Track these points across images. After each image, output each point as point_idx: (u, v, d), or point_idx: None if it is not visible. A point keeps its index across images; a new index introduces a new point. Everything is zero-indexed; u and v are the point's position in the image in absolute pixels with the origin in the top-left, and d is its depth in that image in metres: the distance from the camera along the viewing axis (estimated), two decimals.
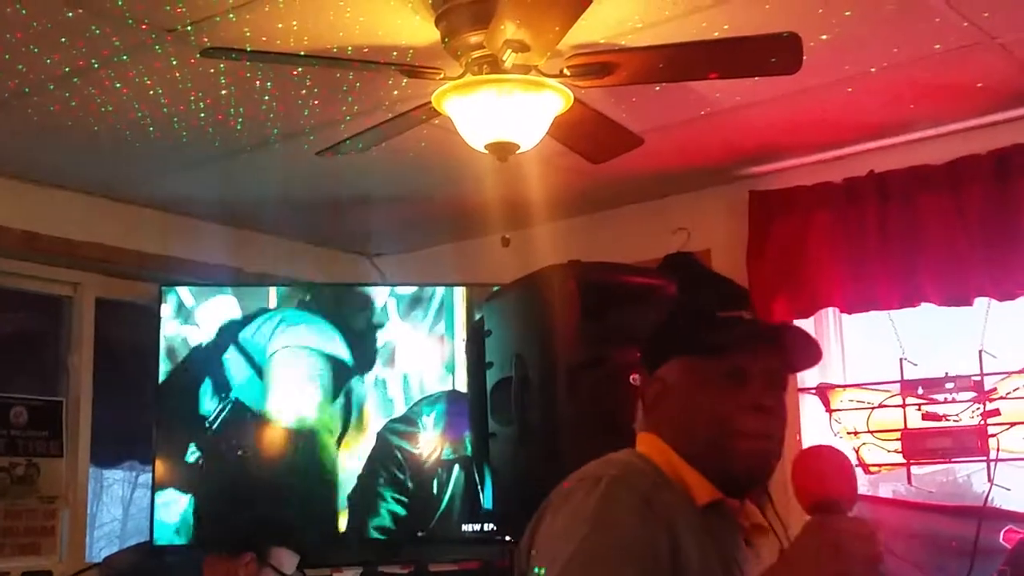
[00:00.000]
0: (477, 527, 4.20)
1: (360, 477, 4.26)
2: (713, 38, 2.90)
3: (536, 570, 1.55)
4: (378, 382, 4.34)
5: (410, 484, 4.25)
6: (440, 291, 4.41)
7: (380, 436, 4.30)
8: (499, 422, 3.59)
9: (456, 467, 4.28)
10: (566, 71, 2.78)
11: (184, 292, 4.32)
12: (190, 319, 4.30)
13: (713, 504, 1.62)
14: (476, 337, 3.61)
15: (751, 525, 1.69)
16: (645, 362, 1.73)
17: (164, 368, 4.25)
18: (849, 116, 3.61)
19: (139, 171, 4.01)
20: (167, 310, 4.28)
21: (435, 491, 4.25)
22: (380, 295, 4.42)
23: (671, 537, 1.53)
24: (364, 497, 4.24)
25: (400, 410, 4.33)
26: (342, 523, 4.22)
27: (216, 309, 4.33)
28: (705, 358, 1.63)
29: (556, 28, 2.54)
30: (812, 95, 3.38)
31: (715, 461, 1.62)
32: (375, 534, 4.21)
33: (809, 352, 1.70)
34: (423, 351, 4.40)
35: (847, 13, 2.85)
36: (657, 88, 3.25)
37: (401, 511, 4.23)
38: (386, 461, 4.28)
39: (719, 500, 1.62)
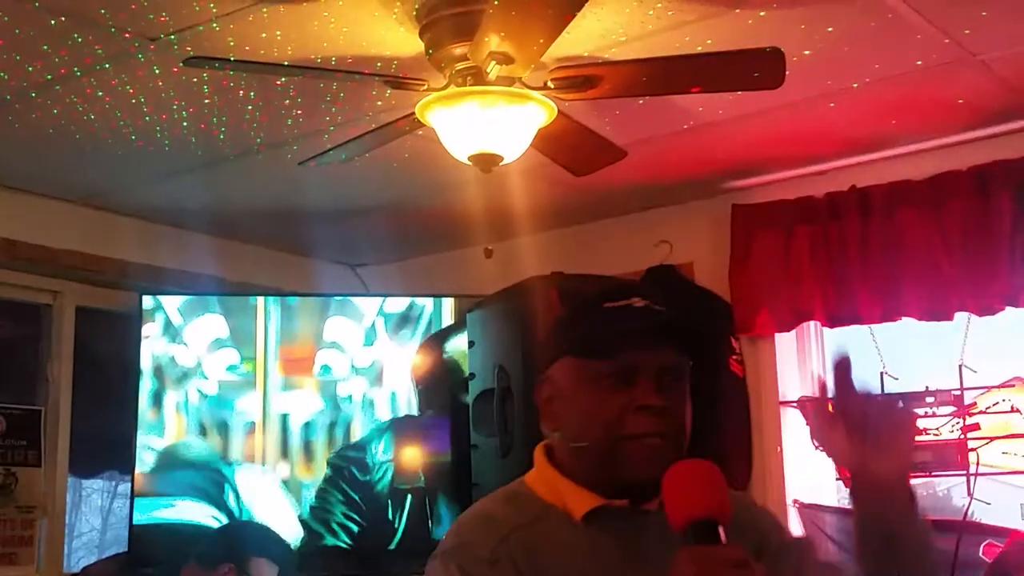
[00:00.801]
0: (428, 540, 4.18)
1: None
2: (696, 52, 2.90)
3: None
4: (365, 401, 4.33)
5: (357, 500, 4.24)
6: (428, 308, 4.39)
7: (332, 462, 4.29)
8: (481, 433, 3.59)
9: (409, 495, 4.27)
10: (550, 84, 2.79)
11: (172, 310, 4.28)
12: (178, 338, 4.28)
13: (595, 512, 1.55)
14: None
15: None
16: (538, 363, 1.67)
17: (152, 387, 4.22)
18: (831, 131, 3.63)
19: (121, 179, 4.00)
20: (154, 328, 4.25)
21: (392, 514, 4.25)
22: (368, 313, 4.40)
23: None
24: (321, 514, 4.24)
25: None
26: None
27: (204, 328, 4.30)
28: (590, 357, 1.56)
29: (540, 41, 2.54)
30: (795, 110, 3.39)
31: (604, 466, 1.55)
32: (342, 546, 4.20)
33: (703, 339, 1.64)
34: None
35: (829, 29, 2.86)
36: (640, 101, 3.26)
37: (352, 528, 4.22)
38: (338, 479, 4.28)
39: (599, 507, 1.55)
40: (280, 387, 4.31)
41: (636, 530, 1.56)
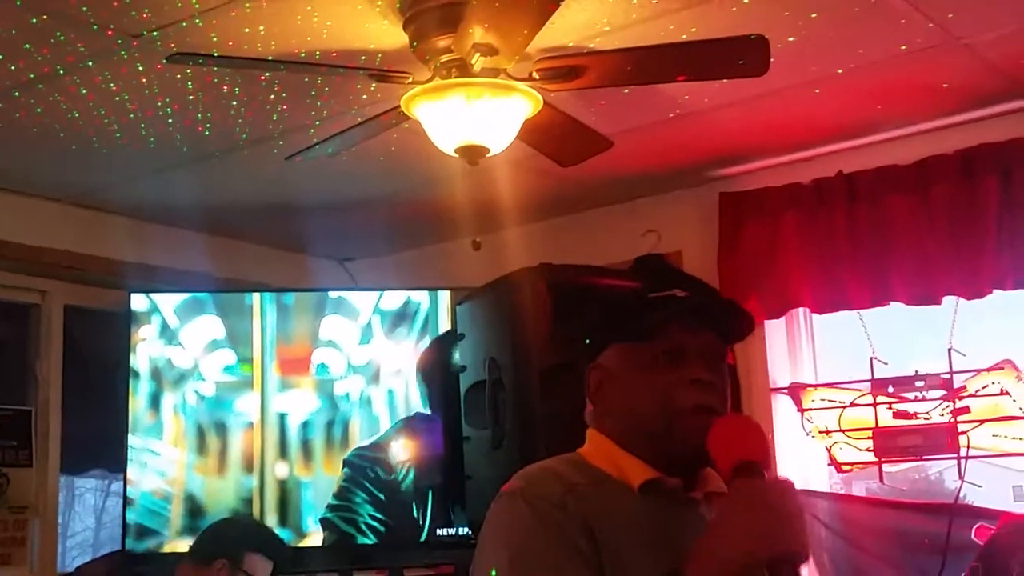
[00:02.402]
0: (452, 531, 4.20)
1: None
2: (681, 41, 2.90)
3: None
4: (363, 399, 4.33)
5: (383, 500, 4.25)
6: (425, 305, 4.38)
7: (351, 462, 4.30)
8: (473, 426, 3.58)
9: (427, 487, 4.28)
10: (535, 74, 2.78)
11: (168, 312, 4.26)
12: (174, 340, 4.26)
13: (651, 483, 1.62)
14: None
15: (706, 494, 1.66)
16: (586, 352, 1.73)
17: (149, 390, 4.21)
18: (817, 117, 3.63)
19: (107, 177, 3.98)
20: (151, 330, 4.24)
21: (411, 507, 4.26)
22: (364, 311, 4.39)
23: (587, 534, 1.54)
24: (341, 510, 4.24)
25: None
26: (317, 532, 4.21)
27: (200, 329, 4.28)
28: (640, 342, 1.64)
29: (524, 32, 2.54)
30: (780, 97, 3.40)
31: (660, 442, 1.62)
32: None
33: (743, 322, 1.72)
34: (408, 367, 4.38)
35: (813, 15, 2.86)
36: (626, 91, 3.25)
37: (379, 527, 4.23)
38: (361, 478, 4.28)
39: (656, 479, 1.62)
40: (278, 387, 4.30)
41: (682, 513, 1.63)
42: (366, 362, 4.35)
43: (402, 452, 4.30)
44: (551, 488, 1.59)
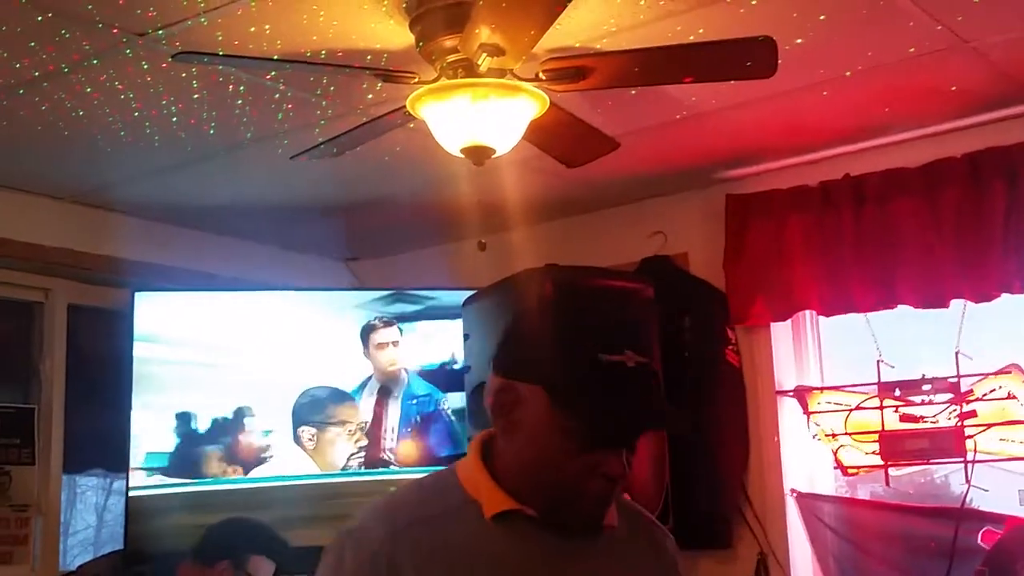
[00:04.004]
0: None
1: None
2: (688, 42, 2.89)
3: None
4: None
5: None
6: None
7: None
8: (477, 427, 3.58)
9: None
10: (541, 75, 2.77)
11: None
12: None
13: (506, 513, 1.55)
14: None
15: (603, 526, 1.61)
16: (503, 363, 1.58)
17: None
18: (824, 120, 3.62)
19: (111, 176, 3.98)
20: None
21: None
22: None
23: None
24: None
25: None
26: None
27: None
28: (566, 408, 1.49)
29: (531, 32, 2.53)
30: (787, 99, 3.38)
31: (544, 504, 1.54)
32: None
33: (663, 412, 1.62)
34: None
35: (821, 17, 2.85)
36: (633, 92, 3.24)
37: None
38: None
39: (512, 510, 1.54)
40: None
41: (546, 539, 1.56)
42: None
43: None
44: (373, 532, 1.54)
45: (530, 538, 1.55)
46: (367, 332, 4.38)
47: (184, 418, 4.18)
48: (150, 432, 4.14)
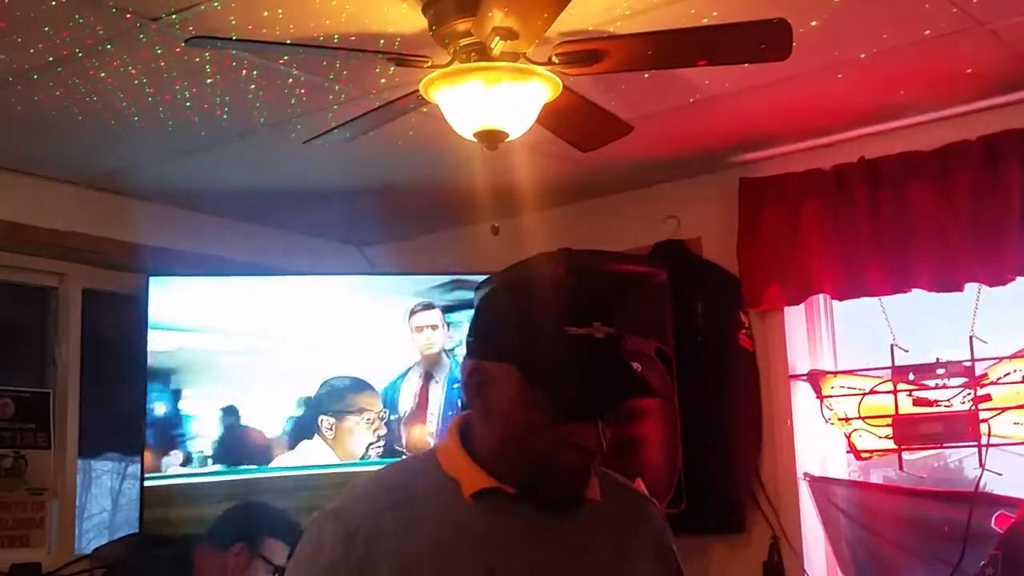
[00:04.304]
0: None
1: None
2: (702, 25, 2.88)
3: None
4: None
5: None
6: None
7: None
8: None
9: None
10: (555, 59, 2.76)
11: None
12: None
13: (486, 491, 1.56)
14: None
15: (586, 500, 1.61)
16: (474, 345, 1.60)
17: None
18: (839, 103, 3.60)
19: (125, 160, 3.98)
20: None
21: None
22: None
23: (371, 566, 1.52)
24: None
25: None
26: None
27: None
28: (535, 382, 1.51)
29: (544, 15, 2.52)
30: (802, 82, 3.37)
31: (522, 480, 1.55)
32: None
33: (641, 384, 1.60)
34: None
35: None
36: (646, 75, 3.23)
37: None
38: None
39: (490, 488, 1.56)
40: None
41: (526, 514, 1.57)
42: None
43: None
44: (353, 513, 1.56)
45: (509, 515, 1.56)
46: (409, 316, 4.42)
47: (230, 409, 4.21)
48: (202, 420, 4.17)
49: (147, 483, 4.09)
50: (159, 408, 4.16)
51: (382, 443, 4.31)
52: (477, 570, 1.53)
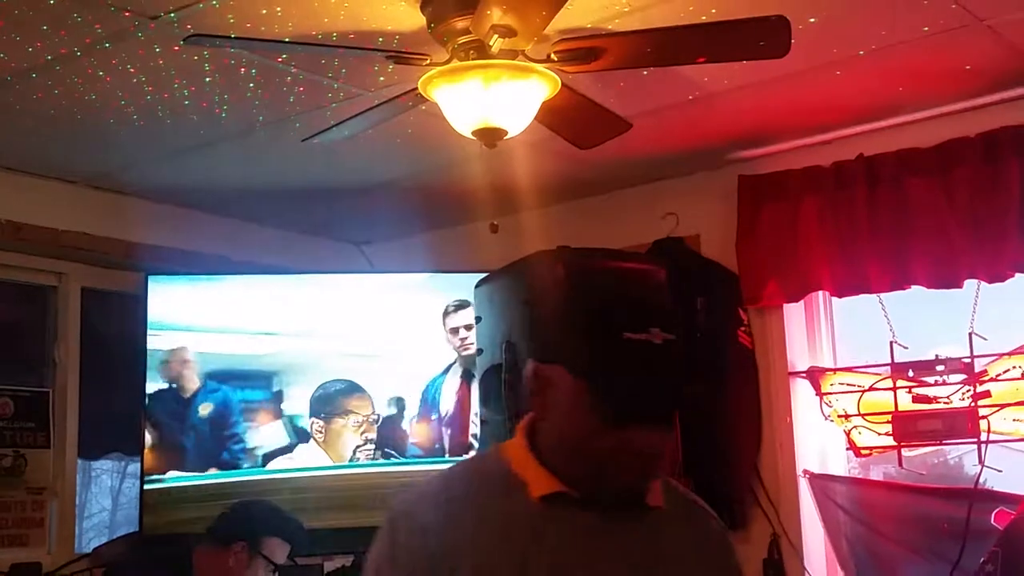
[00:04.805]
0: None
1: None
2: (701, 22, 2.88)
3: None
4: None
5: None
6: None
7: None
8: (490, 409, 3.58)
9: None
10: (553, 56, 2.76)
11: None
12: None
13: (554, 496, 1.58)
14: None
15: (645, 507, 1.63)
16: (533, 348, 1.62)
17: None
18: (838, 99, 3.60)
19: (123, 159, 3.98)
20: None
21: None
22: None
23: (450, 560, 1.53)
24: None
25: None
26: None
27: None
28: (594, 388, 1.51)
29: (543, 13, 2.52)
30: (801, 79, 3.37)
31: (582, 480, 1.57)
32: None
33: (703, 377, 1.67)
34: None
35: None
36: (645, 73, 3.23)
37: None
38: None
39: (559, 492, 1.58)
40: None
41: (592, 520, 1.58)
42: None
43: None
44: (427, 512, 1.58)
45: (574, 519, 1.58)
46: (444, 316, 4.42)
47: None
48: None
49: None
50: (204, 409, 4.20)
51: (371, 446, 4.31)
52: (543, 572, 1.54)
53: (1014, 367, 3.58)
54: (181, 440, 4.19)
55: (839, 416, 3.91)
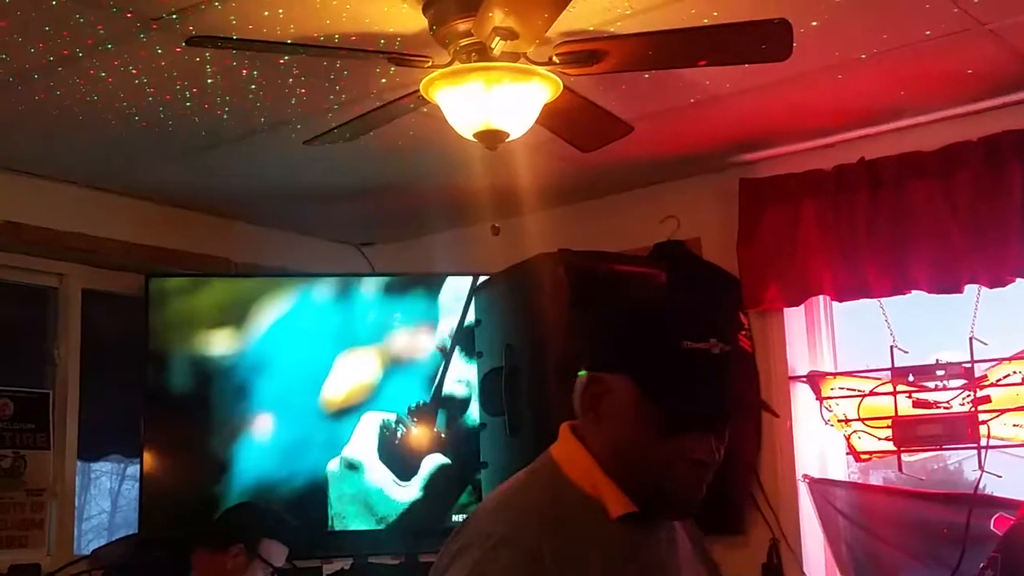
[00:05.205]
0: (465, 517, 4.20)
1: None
2: (702, 25, 2.88)
3: None
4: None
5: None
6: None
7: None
8: (489, 412, 3.58)
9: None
10: (555, 59, 2.76)
11: None
12: None
13: (630, 515, 1.58)
14: None
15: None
16: (592, 355, 1.62)
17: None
18: (839, 103, 3.60)
19: (125, 161, 3.98)
20: None
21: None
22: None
23: None
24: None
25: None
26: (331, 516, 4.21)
27: None
28: (654, 398, 1.53)
29: (545, 15, 2.52)
30: (802, 82, 3.37)
31: (642, 495, 1.57)
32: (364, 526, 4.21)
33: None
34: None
35: None
36: (647, 76, 3.23)
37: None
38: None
39: (635, 513, 1.58)
40: None
41: (655, 540, 1.62)
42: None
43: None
44: (529, 535, 1.52)
45: (648, 537, 1.61)
46: None
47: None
48: None
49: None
50: None
51: None
52: None
53: (1014, 372, 3.58)
54: None
55: (839, 421, 3.91)
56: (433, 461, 4.28)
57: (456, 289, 4.38)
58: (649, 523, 1.60)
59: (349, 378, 4.33)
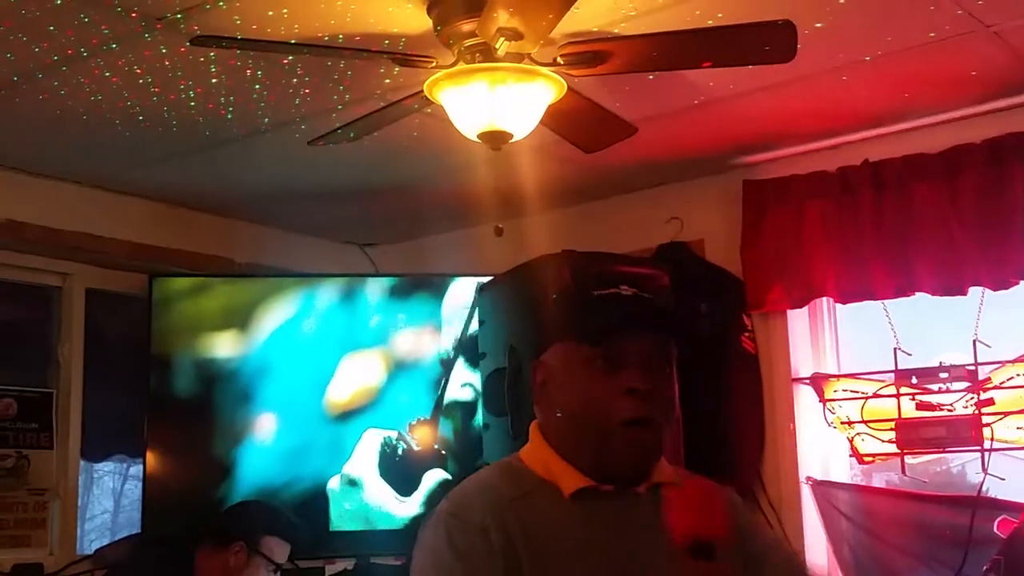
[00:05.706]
0: None
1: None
2: (707, 26, 2.88)
3: None
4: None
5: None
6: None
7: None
8: (493, 413, 3.58)
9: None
10: (559, 60, 2.76)
11: None
12: None
13: (583, 491, 1.66)
14: None
15: (654, 486, 1.69)
16: (534, 346, 1.77)
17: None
18: (843, 105, 3.60)
19: (129, 160, 3.98)
20: None
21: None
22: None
23: (509, 554, 1.58)
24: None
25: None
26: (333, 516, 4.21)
27: None
28: (580, 343, 1.67)
29: (549, 16, 2.52)
30: (806, 84, 3.37)
31: (596, 455, 1.66)
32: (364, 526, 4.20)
33: (679, 323, 1.80)
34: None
35: (841, 1, 2.83)
36: (651, 77, 3.23)
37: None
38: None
39: (588, 487, 1.66)
40: None
41: (621, 510, 1.67)
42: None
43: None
44: (477, 508, 1.63)
45: (603, 511, 1.66)
46: None
47: None
48: None
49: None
50: None
51: None
52: (586, 567, 1.61)
53: (1018, 375, 3.57)
54: None
55: (842, 423, 3.90)
56: (434, 477, 4.26)
57: (460, 295, 4.37)
58: (606, 500, 1.66)
59: (353, 381, 4.32)
